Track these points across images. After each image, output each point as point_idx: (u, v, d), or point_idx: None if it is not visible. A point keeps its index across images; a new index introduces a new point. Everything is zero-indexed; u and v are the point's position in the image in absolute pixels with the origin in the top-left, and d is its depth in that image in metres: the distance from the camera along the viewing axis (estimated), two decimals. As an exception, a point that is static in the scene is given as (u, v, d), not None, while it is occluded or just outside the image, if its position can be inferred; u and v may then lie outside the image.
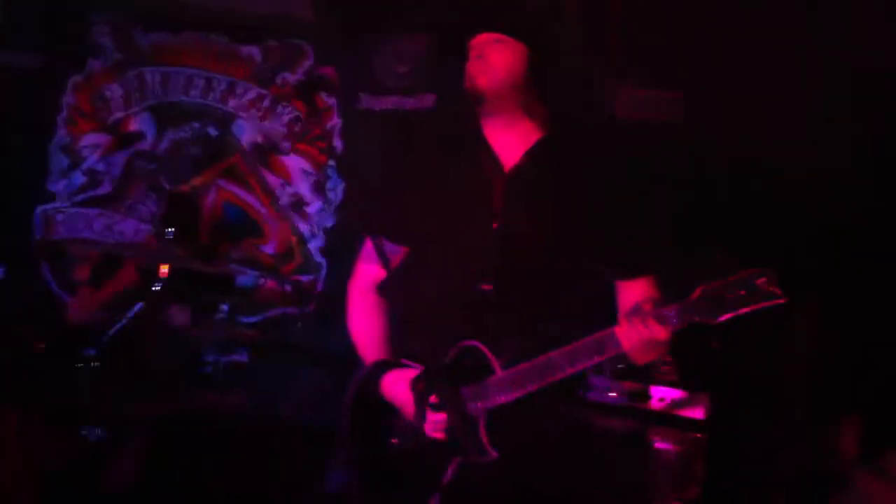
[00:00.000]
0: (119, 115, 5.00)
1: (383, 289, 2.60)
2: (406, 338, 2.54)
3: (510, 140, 2.49)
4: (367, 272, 2.63)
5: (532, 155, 2.48)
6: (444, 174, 2.53)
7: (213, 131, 4.96)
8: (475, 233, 2.45)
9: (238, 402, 3.98)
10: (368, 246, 2.61)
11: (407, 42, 4.58)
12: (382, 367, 2.49)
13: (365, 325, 2.61)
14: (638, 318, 2.20)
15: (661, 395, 3.57)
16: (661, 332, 2.19)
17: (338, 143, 4.88)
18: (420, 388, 2.37)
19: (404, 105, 4.68)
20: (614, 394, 3.56)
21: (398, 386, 2.42)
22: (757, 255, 2.26)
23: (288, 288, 4.80)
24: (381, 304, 2.61)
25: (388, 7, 4.38)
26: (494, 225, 2.44)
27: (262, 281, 4.79)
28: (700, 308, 2.17)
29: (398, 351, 2.54)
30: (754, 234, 3.76)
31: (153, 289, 3.89)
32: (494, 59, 2.43)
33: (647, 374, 3.58)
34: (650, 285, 2.46)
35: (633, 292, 2.44)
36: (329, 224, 4.91)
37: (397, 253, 2.59)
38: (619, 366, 3.53)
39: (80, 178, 4.99)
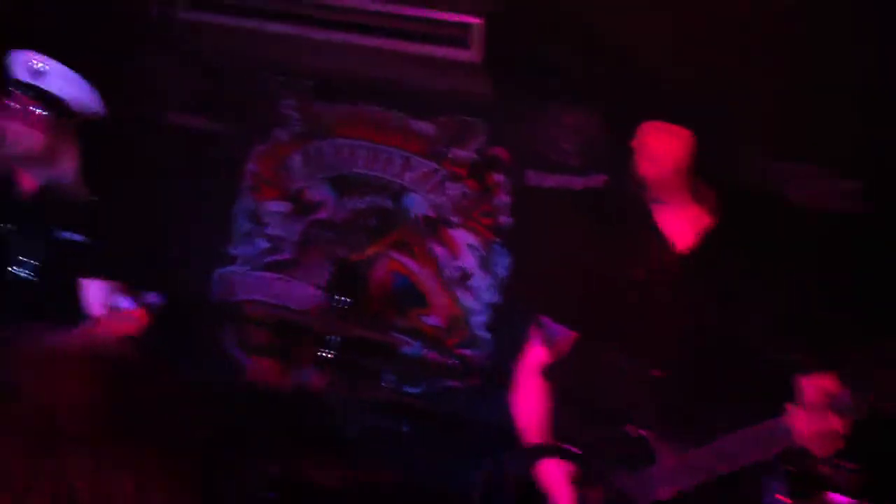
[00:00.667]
0: (300, 184, 5.22)
1: (550, 372, 2.60)
2: (570, 423, 2.53)
3: (680, 225, 2.47)
4: (535, 354, 2.64)
5: (704, 240, 2.45)
6: (615, 258, 2.52)
7: (387, 203, 5.12)
8: (646, 318, 2.42)
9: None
10: (537, 328, 2.62)
11: (578, 120, 4.61)
12: (542, 451, 2.48)
13: (529, 406, 2.62)
14: (814, 407, 2.11)
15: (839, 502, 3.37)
16: (838, 423, 2.10)
17: (505, 220, 4.94)
18: (576, 482, 2.34)
19: (574, 184, 4.70)
20: (785, 498, 3.39)
21: (555, 476, 2.40)
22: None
23: (452, 361, 4.84)
24: (547, 387, 2.61)
25: (559, 85, 4.42)
26: (666, 311, 2.41)
27: (425, 352, 4.86)
28: (883, 397, 2.06)
29: (561, 435, 2.53)
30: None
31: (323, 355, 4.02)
32: (659, 149, 2.41)
33: (822, 478, 3.39)
34: (831, 379, 2.36)
35: (812, 385, 2.34)
36: (494, 300, 4.94)
37: (566, 336, 2.59)
38: (790, 468, 3.36)
39: (261, 244, 5.23)
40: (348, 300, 4.39)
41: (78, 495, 1.06)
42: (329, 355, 4.07)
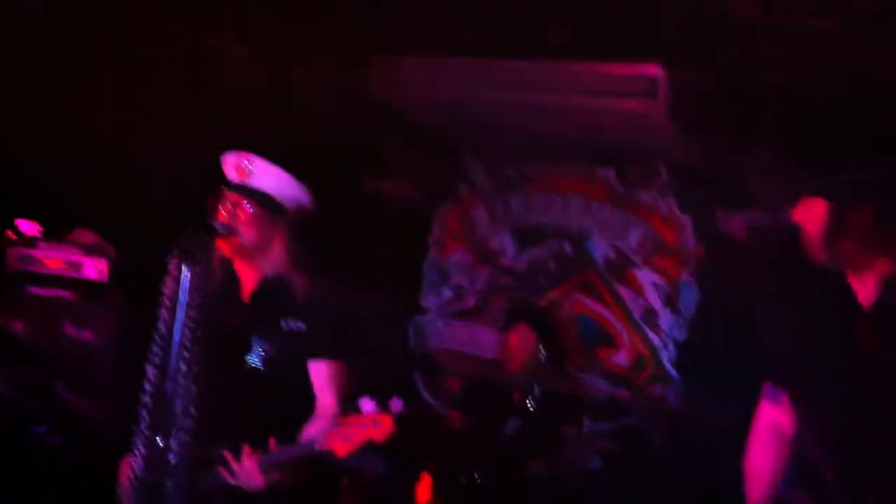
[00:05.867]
0: (483, 234, 5.39)
1: (793, 436, 2.61)
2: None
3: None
4: (769, 413, 2.67)
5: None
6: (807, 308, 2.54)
7: (568, 249, 5.22)
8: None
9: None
10: (767, 386, 2.66)
11: (764, 156, 4.57)
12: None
13: (763, 464, 2.65)
14: None
15: None
16: None
17: (692, 258, 4.97)
18: None
19: (760, 221, 4.67)
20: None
21: None
22: None
23: (641, 398, 4.90)
24: (784, 449, 2.63)
25: (748, 126, 4.39)
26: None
27: (615, 390, 4.93)
28: None
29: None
30: None
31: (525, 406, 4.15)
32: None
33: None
34: None
35: None
36: (681, 337, 4.98)
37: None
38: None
39: (447, 293, 5.42)
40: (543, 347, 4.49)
41: None
42: (530, 405, 4.19)
